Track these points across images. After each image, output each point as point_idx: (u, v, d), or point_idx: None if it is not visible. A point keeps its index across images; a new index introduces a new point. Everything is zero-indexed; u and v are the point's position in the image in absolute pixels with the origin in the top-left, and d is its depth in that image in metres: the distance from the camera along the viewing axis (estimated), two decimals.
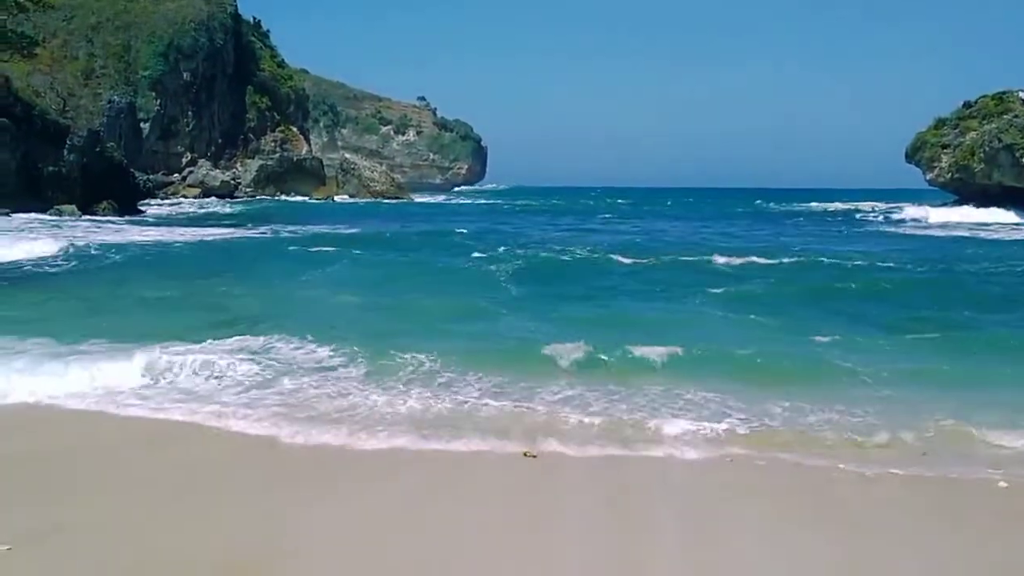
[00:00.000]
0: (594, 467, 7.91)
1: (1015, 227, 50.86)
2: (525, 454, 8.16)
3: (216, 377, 10.87)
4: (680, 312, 16.83)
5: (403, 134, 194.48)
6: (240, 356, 11.63)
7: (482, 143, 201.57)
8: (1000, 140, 60.97)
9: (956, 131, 69.81)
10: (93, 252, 27.04)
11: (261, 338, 12.78)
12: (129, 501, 6.94)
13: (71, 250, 26.75)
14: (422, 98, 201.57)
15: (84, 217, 44.78)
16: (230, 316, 15.38)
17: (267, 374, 10.98)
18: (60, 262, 24.47)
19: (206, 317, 15.13)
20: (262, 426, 8.93)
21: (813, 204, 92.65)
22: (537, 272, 23.56)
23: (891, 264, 25.89)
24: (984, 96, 70.03)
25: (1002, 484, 7.61)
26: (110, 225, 40.83)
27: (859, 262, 26.11)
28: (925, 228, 51.39)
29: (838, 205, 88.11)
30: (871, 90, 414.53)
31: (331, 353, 11.99)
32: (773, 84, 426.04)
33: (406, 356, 11.66)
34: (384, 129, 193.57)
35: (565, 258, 27.49)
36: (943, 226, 52.44)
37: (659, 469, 7.90)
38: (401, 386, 10.48)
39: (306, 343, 12.54)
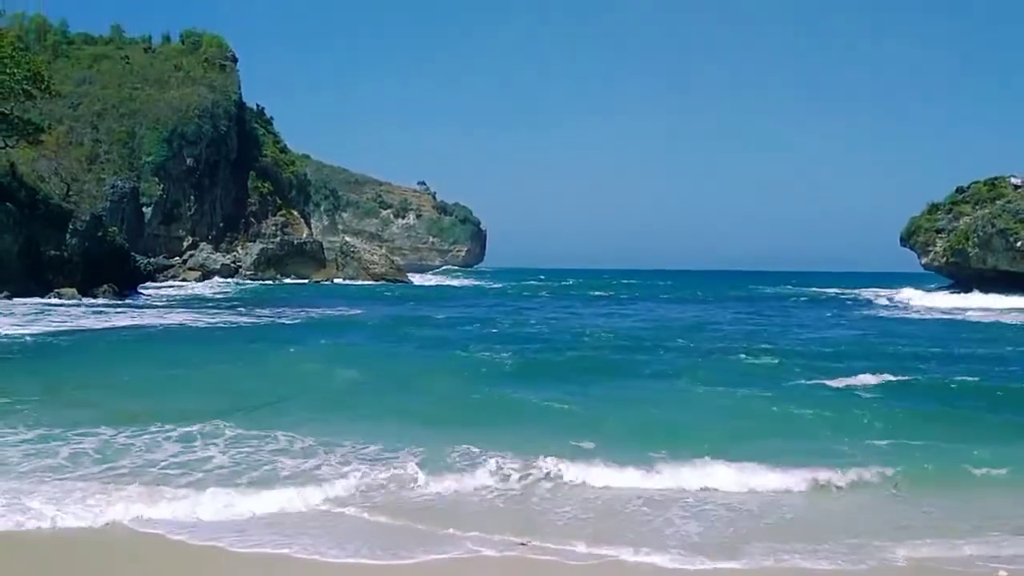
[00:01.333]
0: None
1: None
2: None
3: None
4: None
5: (403, 218, 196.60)
6: None
7: (481, 226, 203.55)
8: (994, 225, 61.61)
9: (950, 216, 70.57)
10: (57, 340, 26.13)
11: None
12: None
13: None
14: (422, 183, 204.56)
15: (84, 300, 44.89)
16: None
17: None
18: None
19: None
20: None
21: (814, 289, 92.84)
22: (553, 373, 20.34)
23: None
24: (976, 182, 70.97)
25: None
26: (104, 310, 40.88)
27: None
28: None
29: (862, 292, 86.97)
30: (863, 174, 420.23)
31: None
32: (771, 166, 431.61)
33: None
34: (384, 213, 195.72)
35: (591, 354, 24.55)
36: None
37: None
38: None
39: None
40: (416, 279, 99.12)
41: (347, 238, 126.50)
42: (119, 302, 45.93)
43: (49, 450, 11.45)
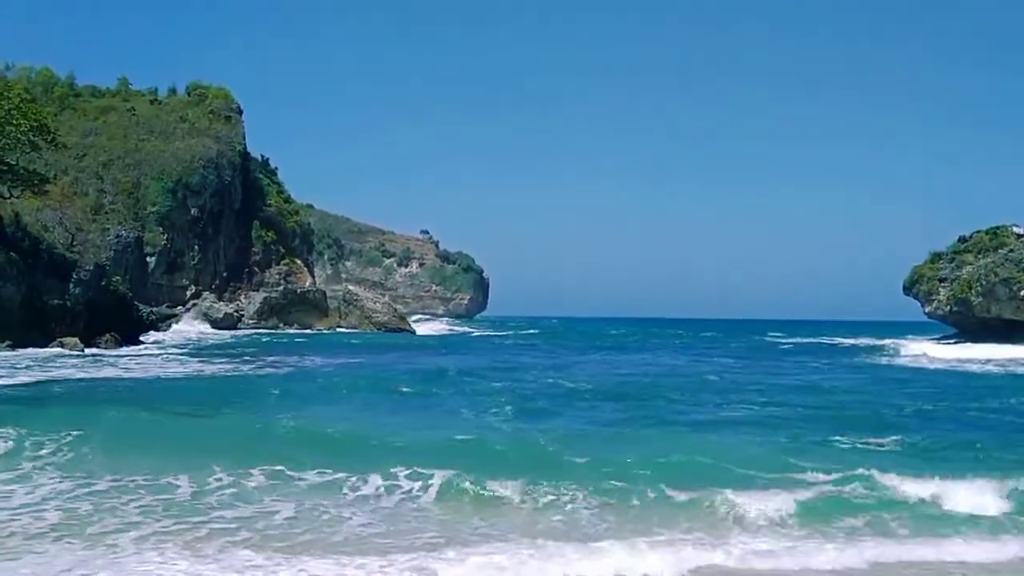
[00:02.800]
0: None
1: None
2: None
3: None
4: None
5: (406, 266, 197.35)
6: None
7: (484, 275, 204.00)
8: (997, 274, 61.65)
9: (952, 264, 70.68)
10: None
11: None
12: None
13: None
14: (425, 231, 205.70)
15: (87, 351, 44.79)
16: None
17: None
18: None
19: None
20: None
21: (823, 339, 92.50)
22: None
23: None
24: (979, 231, 71.20)
25: None
26: (99, 360, 40.78)
27: None
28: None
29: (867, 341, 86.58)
30: (864, 223, 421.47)
31: None
32: (766, 214, 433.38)
33: None
34: (387, 261, 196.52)
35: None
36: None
37: None
38: None
39: None
40: (420, 329, 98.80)
41: (350, 287, 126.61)
42: (114, 352, 45.80)
43: None
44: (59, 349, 43.74)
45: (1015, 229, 67.85)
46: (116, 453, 14.65)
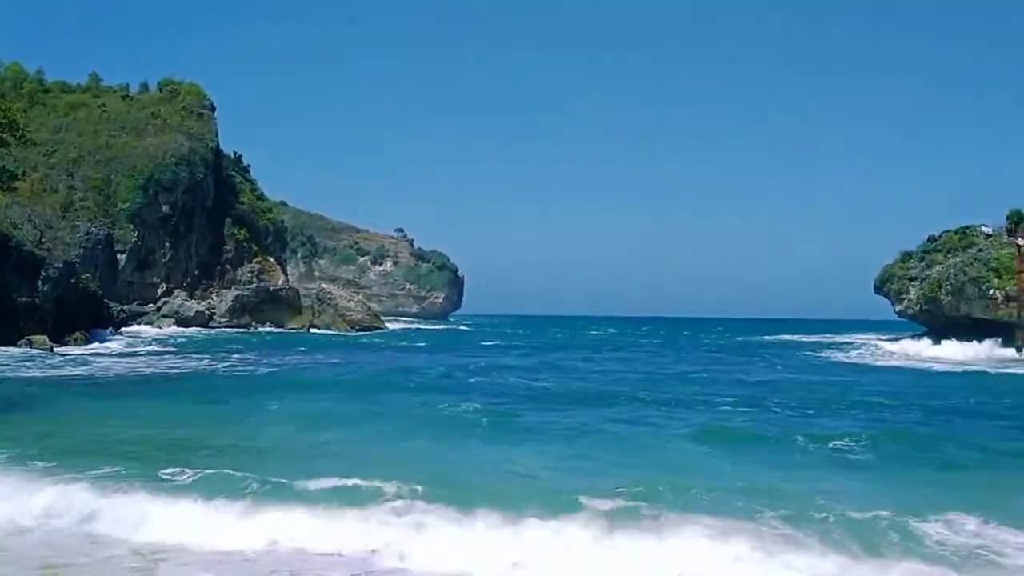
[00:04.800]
0: None
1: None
2: None
3: None
4: None
5: (380, 264, 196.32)
6: None
7: (459, 273, 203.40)
8: (966, 273, 62.25)
9: (922, 264, 71.41)
10: None
11: None
12: None
13: None
14: (400, 230, 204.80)
15: (56, 349, 44.31)
16: None
17: None
18: None
19: None
20: None
21: (785, 336, 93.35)
22: None
23: None
24: (948, 231, 71.93)
25: None
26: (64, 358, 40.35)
27: None
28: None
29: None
30: (832, 223, 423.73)
31: None
32: (747, 216, 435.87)
33: None
34: (361, 260, 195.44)
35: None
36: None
37: None
38: None
39: None
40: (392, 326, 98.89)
41: (323, 285, 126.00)
42: (81, 350, 45.30)
43: None
44: (27, 349, 43.27)
45: (984, 229, 68.58)
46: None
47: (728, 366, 44.71)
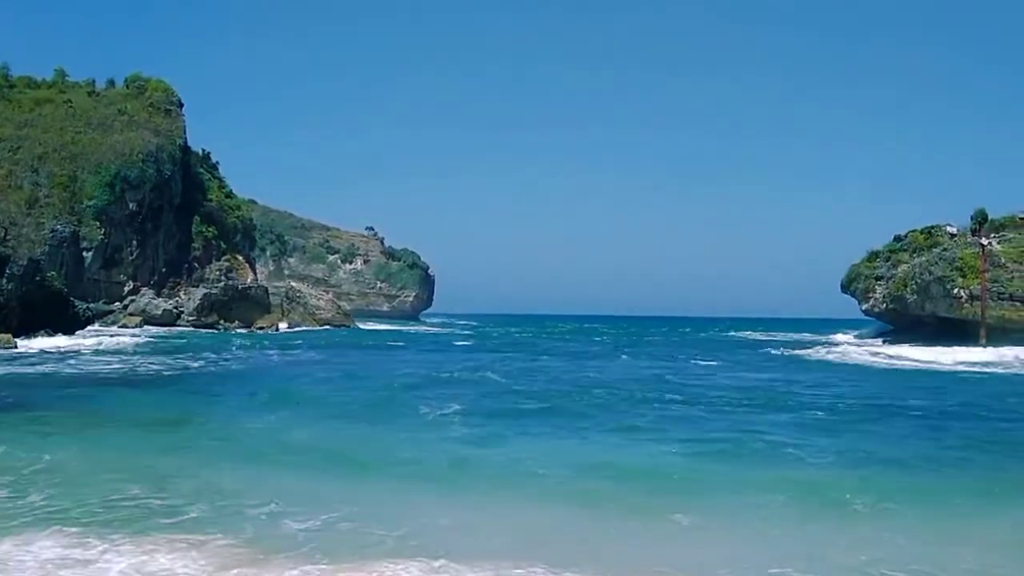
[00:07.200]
0: None
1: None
2: None
3: None
4: None
5: (350, 263, 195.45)
6: None
7: (429, 272, 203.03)
8: (931, 272, 63.07)
9: (888, 263, 72.28)
10: None
11: None
12: None
13: None
14: (370, 228, 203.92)
15: (20, 346, 43.76)
16: None
17: None
18: None
19: None
20: None
21: (751, 334, 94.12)
22: None
23: None
24: (914, 230, 72.83)
25: None
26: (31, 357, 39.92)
27: None
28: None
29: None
30: (804, 223, 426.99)
31: None
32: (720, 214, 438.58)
33: None
34: (331, 258, 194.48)
35: None
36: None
37: None
38: None
39: None
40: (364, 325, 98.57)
41: (293, 283, 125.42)
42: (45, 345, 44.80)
43: None
44: None
45: (949, 228, 69.52)
46: None
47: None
